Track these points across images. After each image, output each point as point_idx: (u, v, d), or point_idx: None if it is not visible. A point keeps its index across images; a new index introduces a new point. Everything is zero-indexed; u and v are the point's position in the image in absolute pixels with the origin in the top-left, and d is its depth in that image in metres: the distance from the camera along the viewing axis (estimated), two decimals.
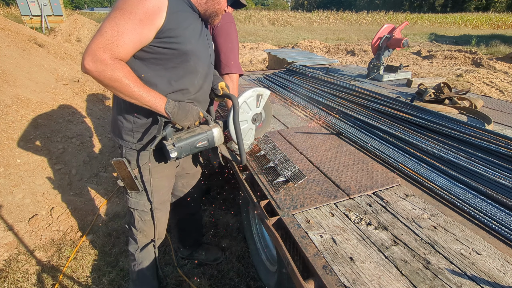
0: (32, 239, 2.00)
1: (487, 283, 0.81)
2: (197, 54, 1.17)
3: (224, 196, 2.60)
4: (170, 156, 1.10)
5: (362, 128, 1.84)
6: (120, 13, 0.96)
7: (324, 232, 0.99)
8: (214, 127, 1.20)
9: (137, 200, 1.33)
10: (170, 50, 1.09)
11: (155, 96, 1.07)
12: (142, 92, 1.04)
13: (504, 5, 33.13)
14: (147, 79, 1.11)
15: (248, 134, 1.31)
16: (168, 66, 1.13)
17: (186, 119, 1.14)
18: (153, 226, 1.41)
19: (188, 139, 1.13)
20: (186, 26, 1.11)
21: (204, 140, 1.17)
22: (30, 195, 2.18)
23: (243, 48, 11.10)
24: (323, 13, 28.12)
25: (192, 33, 1.14)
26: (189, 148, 1.14)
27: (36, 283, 1.75)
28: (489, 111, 2.14)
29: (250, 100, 1.25)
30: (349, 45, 11.11)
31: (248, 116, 1.29)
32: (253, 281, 1.81)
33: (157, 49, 1.07)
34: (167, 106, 1.09)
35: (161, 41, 1.06)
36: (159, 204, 1.39)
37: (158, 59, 1.10)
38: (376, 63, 3.15)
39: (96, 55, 0.93)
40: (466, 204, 1.13)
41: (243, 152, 1.22)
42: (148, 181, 1.29)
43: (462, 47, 11.02)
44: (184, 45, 1.10)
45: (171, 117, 1.10)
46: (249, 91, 1.23)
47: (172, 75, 1.15)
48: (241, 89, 2.80)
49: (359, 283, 0.81)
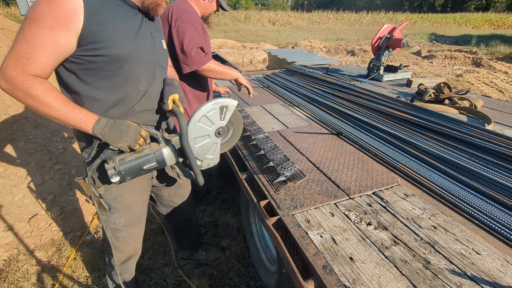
0: (32, 239, 2.00)
1: (487, 283, 0.81)
2: (134, 56, 1.03)
3: (224, 196, 2.60)
4: (111, 181, 1.00)
5: (362, 128, 1.84)
6: (28, 24, 0.85)
7: (324, 232, 0.99)
8: (164, 147, 1.08)
9: (107, 217, 1.23)
10: (99, 57, 0.95)
11: (81, 114, 0.94)
12: (64, 110, 0.91)
13: (504, 5, 33.13)
14: (85, 93, 1.00)
15: (212, 148, 1.20)
16: (103, 75, 0.99)
17: (120, 140, 0.99)
18: (127, 243, 1.33)
19: (133, 161, 1.02)
20: (115, 25, 0.97)
21: (153, 161, 1.06)
22: (30, 195, 2.18)
23: (243, 48, 11.10)
24: (323, 13, 28.12)
25: (124, 33, 1.00)
26: (134, 171, 1.03)
27: (36, 283, 1.75)
28: (489, 111, 2.14)
29: (211, 114, 1.12)
30: (349, 45, 11.11)
31: (210, 131, 1.16)
32: (253, 281, 1.81)
33: (85, 58, 0.94)
34: (95, 126, 0.95)
35: (86, 49, 0.93)
36: (132, 221, 1.29)
37: (90, 69, 0.97)
38: (376, 63, 3.15)
39: (6, 72, 0.85)
40: (466, 204, 1.13)
41: (198, 174, 1.12)
42: (116, 199, 1.19)
43: (462, 47, 11.02)
44: (114, 49, 0.96)
45: (101, 138, 0.97)
46: (210, 103, 1.10)
47: (110, 85, 1.02)
48: (241, 89, 2.78)
49: (359, 283, 0.81)
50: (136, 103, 1.10)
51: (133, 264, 1.47)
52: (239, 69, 3.92)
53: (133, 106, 1.09)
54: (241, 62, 8.41)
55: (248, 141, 1.65)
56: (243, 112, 2.03)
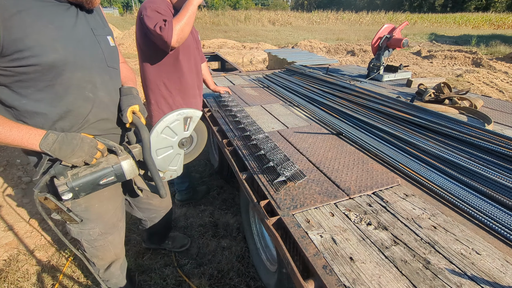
0: (32, 239, 2.00)
1: (487, 283, 0.81)
2: (74, 60, 0.90)
3: (224, 196, 2.60)
4: (63, 198, 0.91)
5: (362, 128, 1.84)
6: None
7: (324, 232, 0.99)
8: (124, 159, 1.01)
9: (80, 230, 1.16)
10: (30, 67, 0.82)
11: (22, 132, 0.84)
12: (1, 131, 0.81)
13: (504, 5, 33.12)
14: (24, 107, 0.88)
15: (175, 159, 1.17)
16: (40, 86, 0.87)
17: (73, 155, 0.90)
18: (107, 250, 1.27)
19: (87, 176, 0.93)
20: (41, 28, 0.83)
21: (110, 175, 0.98)
22: (30, 195, 2.18)
23: (243, 48, 11.10)
24: (323, 13, 28.12)
25: (55, 35, 0.86)
26: (90, 187, 0.95)
27: (36, 283, 1.75)
28: (489, 111, 2.14)
29: (174, 125, 1.09)
30: (349, 45, 11.11)
31: (173, 142, 1.13)
32: (253, 281, 1.81)
33: (14, 70, 0.82)
34: (42, 142, 0.86)
35: (12, 59, 0.80)
36: (107, 229, 1.22)
37: (23, 80, 0.84)
38: (376, 63, 3.15)
39: None
40: (466, 204, 1.13)
41: (160, 187, 1.08)
42: (86, 209, 1.11)
43: (462, 47, 11.02)
44: (44, 56, 0.83)
45: (51, 155, 0.88)
46: (173, 114, 1.07)
47: (51, 96, 0.90)
48: (241, 89, 2.76)
49: (359, 283, 0.81)
50: (88, 113, 0.99)
51: (116, 268, 1.40)
52: (239, 69, 3.92)
53: (85, 116, 0.98)
54: (241, 62, 8.41)
55: (248, 141, 1.65)
56: (243, 112, 2.03)
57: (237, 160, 1.56)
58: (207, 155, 3.27)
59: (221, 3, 40.68)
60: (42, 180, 0.91)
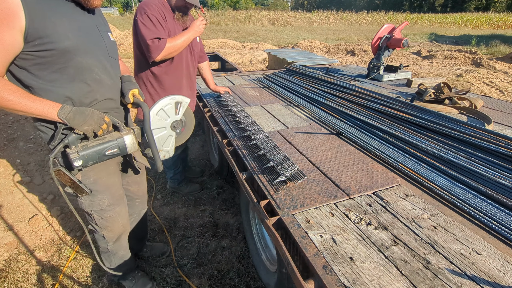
0: (32, 239, 2.00)
1: (487, 283, 0.81)
2: (84, 48, 1.09)
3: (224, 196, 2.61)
4: (74, 165, 1.05)
5: (362, 128, 1.84)
6: None
7: (324, 232, 0.99)
8: (126, 134, 1.17)
9: (90, 201, 1.30)
10: (47, 52, 1.00)
11: (44, 104, 1.01)
12: (26, 102, 0.98)
13: (504, 5, 33.12)
14: (40, 86, 1.05)
15: (167, 141, 1.32)
16: (55, 68, 1.05)
17: (85, 123, 1.07)
18: (115, 221, 1.40)
19: (95, 147, 1.09)
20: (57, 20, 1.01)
21: (115, 147, 1.14)
22: (30, 195, 2.18)
23: (243, 48, 11.10)
24: (323, 13, 28.12)
25: (68, 26, 1.04)
26: (96, 156, 1.10)
27: (36, 283, 1.75)
28: (489, 111, 2.14)
29: (167, 108, 1.26)
30: (349, 45, 11.11)
31: (167, 123, 1.29)
32: (253, 281, 1.81)
33: (34, 54, 1.00)
34: (60, 112, 1.03)
35: (34, 45, 0.98)
36: (114, 200, 1.36)
37: (40, 63, 1.02)
38: (376, 63, 3.15)
39: None
40: (466, 204, 1.13)
41: (158, 159, 1.22)
42: (95, 182, 1.26)
43: (462, 47, 11.02)
44: (60, 43, 1.01)
45: (67, 122, 1.04)
46: (166, 98, 1.24)
47: (63, 77, 1.07)
48: (241, 89, 2.77)
49: (359, 283, 0.81)
50: (96, 92, 1.16)
51: (125, 239, 1.54)
52: (239, 69, 3.93)
53: (93, 95, 1.16)
54: (241, 62, 8.41)
55: (248, 141, 1.65)
56: (243, 112, 2.03)
57: (237, 160, 1.56)
58: (207, 155, 3.27)
59: (221, 3, 40.67)
60: (57, 147, 1.06)
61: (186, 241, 2.11)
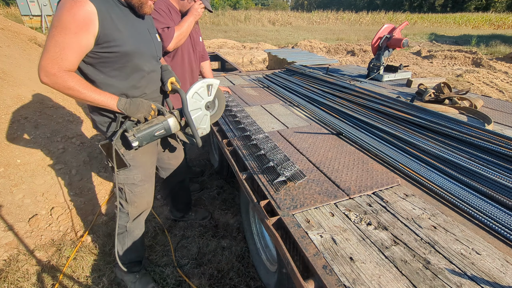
0: (32, 239, 2.00)
1: (487, 283, 0.81)
2: (140, 51, 1.29)
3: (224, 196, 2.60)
4: (132, 145, 1.27)
5: (362, 128, 1.84)
6: (57, 31, 1.08)
7: (324, 232, 0.99)
8: (169, 117, 1.36)
9: (126, 176, 1.46)
10: (112, 54, 1.20)
11: (106, 96, 1.22)
12: (94, 95, 1.18)
13: (504, 5, 33.10)
14: (102, 80, 1.25)
15: (204, 119, 1.48)
16: (116, 66, 1.25)
17: (138, 111, 1.29)
18: (143, 197, 1.55)
19: (147, 129, 1.30)
20: (122, 26, 1.20)
21: (161, 129, 1.34)
22: (30, 195, 2.18)
23: (243, 48, 11.10)
24: (323, 13, 28.11)
25: (129, 33, 1.24)
26: (148, 137, 1.31)
27: (36, 283, 1.75)
28: (489, 111, 2.14)
29: (201, 91, 1.41)
30: (349, 45, 11.11)
31: (201, 104, 1.44)
32: (253, 281, 1.81)
33: (101, 54, 1.19)
34: (118, 104, 1.24)
35: (102, 47, 1.17)
36: (146, 177, 1.53)
37: (105, 62, 1.22)
38: (376, 63, 3.15)
39: (47, 70, 1.09)
40: (466, 204, 1.13)
41: (197, 136, 1.40)
42: (133, 158, 1.44)
43: (462, 47, 11.02)
44: (124, 46, 1.22)
45: (124, 112, 1.26)
46: (199, 82, 1.40)
47: (121, 74, 1.28)
48: (241, 89, 2.78)
49: (359, 283, 0.81)
50: (145, 86, 1.38)
51: (144, 217, 1.68)
52: (239, 69, 3.93)
53: (144, 89, 1.38)
54: (241, 62, 8.41)
55: (248, 141, 1.65)
56: (243, 112, 2.03)
57: (237, 160, 1.56)
58: (207, 155, 3.27)
59: (221, 3, 40.66)
60: (119, 132, 1.28)
61: (186, 241, 2.11)
